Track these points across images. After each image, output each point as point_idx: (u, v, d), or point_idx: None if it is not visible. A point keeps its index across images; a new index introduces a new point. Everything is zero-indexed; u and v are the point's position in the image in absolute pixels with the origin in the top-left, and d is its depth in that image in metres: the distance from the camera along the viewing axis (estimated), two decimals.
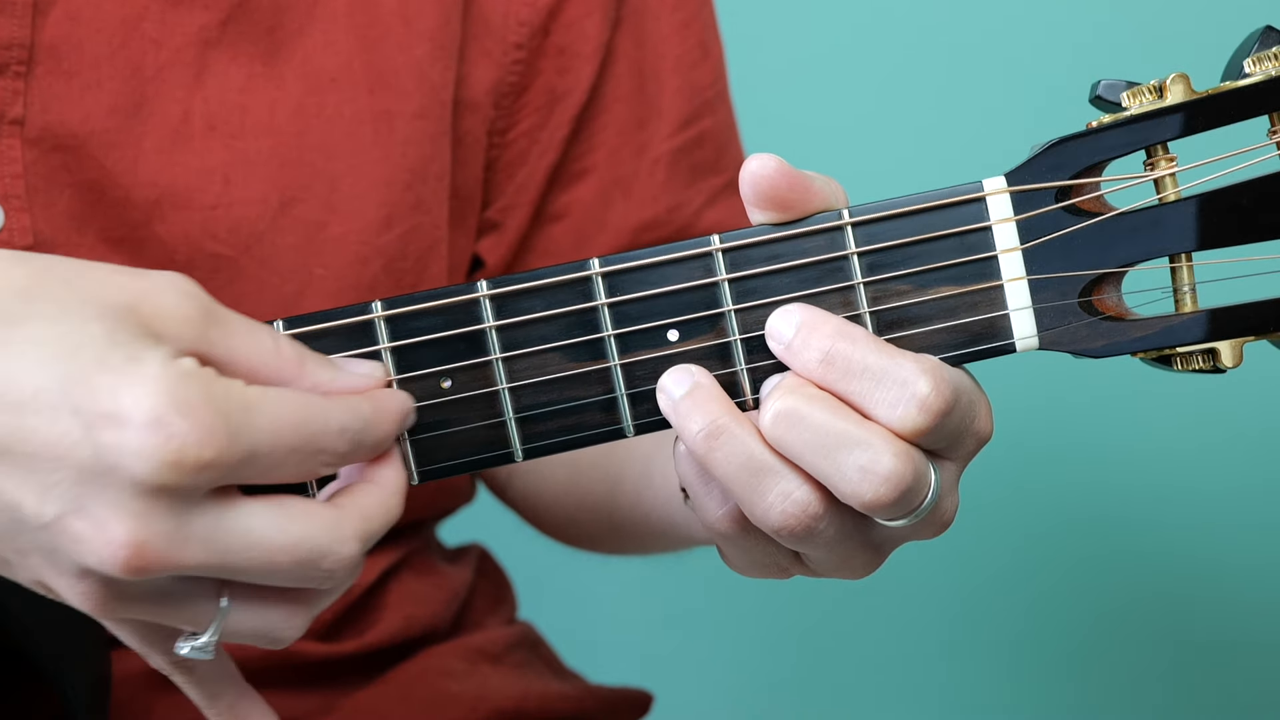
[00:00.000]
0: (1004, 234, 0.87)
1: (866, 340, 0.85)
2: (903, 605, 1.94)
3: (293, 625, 0.83)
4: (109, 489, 0.77)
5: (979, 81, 1.86)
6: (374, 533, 0.83)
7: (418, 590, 1.26)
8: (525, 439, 0.88)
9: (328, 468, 0.83)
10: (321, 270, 1.15)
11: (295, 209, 1.14)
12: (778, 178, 0.86)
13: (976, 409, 0.87)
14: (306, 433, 0.81)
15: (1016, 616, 1.95)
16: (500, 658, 1.29)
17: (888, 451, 0.83)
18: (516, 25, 1.22)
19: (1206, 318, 0.88)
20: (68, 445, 0.77)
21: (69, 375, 0.77)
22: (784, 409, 0.84)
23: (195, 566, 0.79)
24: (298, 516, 0.81)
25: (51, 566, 0.80)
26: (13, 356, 0.78)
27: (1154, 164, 0.88)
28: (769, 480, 0.85)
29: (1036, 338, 0.88)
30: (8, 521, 0.79)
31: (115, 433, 0.77)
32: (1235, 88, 0.87)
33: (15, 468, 0.78)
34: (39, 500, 0.78)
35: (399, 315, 0.87)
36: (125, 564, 0.77)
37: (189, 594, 0.82)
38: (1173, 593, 1.92)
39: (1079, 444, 1.90)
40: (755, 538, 0.89)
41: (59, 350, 0.78)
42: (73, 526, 0.78)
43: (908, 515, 0.85)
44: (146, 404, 0.77)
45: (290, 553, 0.80)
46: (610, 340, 0.88)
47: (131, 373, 0.77)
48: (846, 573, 0.90)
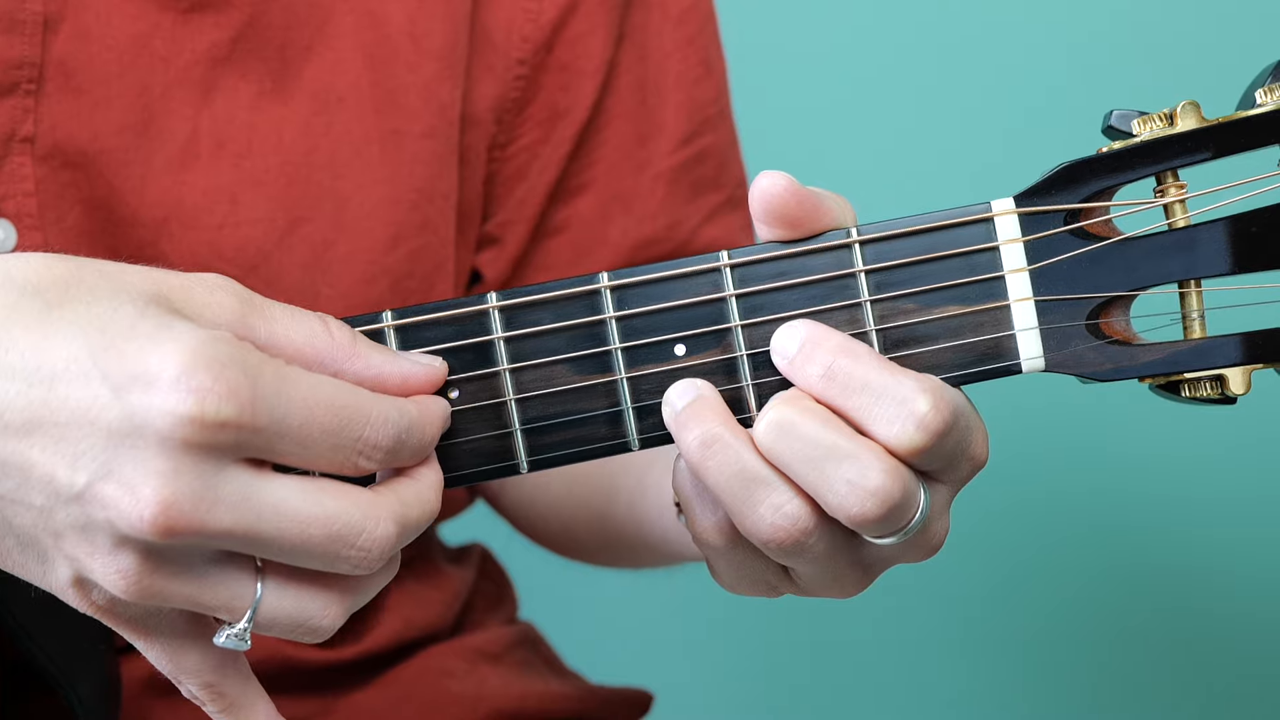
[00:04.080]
0: (1011, 255, 0.88)
1: (869, 357, 0.85)
2: (904, 606, 1.94)
3: (329, 614, 0.83)
4: (137, 449, 0.78)
5: (990, 103, 1.86)
6: (410, 521, 0.83)
7: (418, 593, 1.26)
8: (531, 451, 0.89)
9: (369, 461, 0.82)
10: (328, 290, 1.15)
11: (302, 228, 1.14)
12: (787, 196, 0.86)
13: (973, 433, 0.87)
14: (344, 416, 0.81)
15: (1016, 619, 1.95)
16: (500, 658, 1.29)
17: (877, 467, 0.83)
18: (520, 41, 1.22)
19: (1215, 344, 0.88)
20: (98, 409, 0.78)
21: (99, 345, 0.79)
22: (776, 418, 0.84)
23: (225, 532, 0.79)
24: (332, 492, 0.81)
25: (87, 543, 0.80)
26: (47, 335, 0.79)
27: (1164, 190, 0.88)
28: (760, 491, 0.85)
29: (1043, 359, 0.88)
30: (44, 498, 0.80)
31: (143, 393, 0.78)
32: (1246, 116, 0.87)
33: (48, 439, 0.79)
34: (70, 469, 0.78)
35: (408, 325, 0.88)
36: (153, 523, 0.77)
37: (225, 574, 0.81)
38: (1184, 600, 1.92)
39: (1085, 449, 1.91)
40: (744, 551, 0.89)
41: (91, 326, 0.79)
42: (104, 492, 0.78)
43: (895, 534, 0.85)
44: (173, 361, 0.78)
45: (324, 526, 0.80)
46: (617, 354, 0.88)
47: (160, 338, 0.79)
48: (835, 591, 0.90)
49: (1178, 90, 1.75)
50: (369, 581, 0.85)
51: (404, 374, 0.86)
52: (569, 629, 1.58)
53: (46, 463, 0.79)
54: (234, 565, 0.82)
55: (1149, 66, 1.85)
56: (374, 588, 0.85)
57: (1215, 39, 1.83)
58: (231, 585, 0.82)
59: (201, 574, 0.81)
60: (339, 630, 1.20)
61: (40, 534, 0.81)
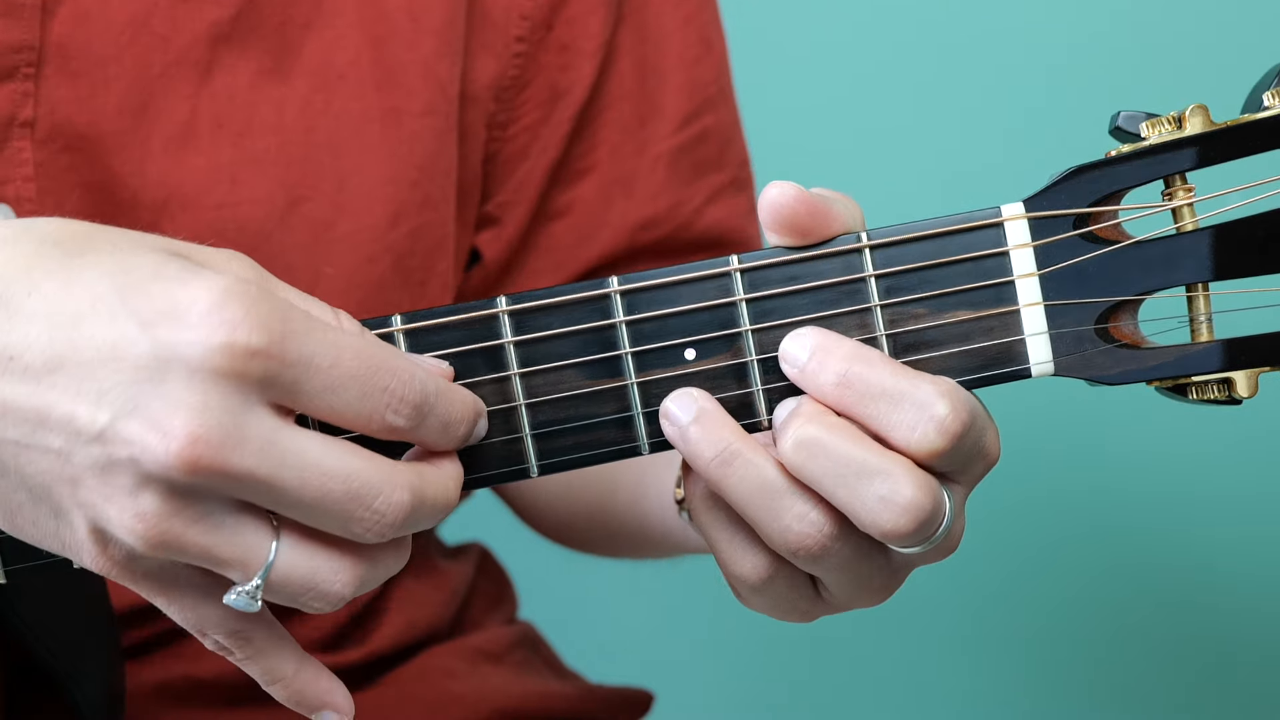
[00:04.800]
0: (1021, 259, 0.88)
1: (883, 362, 0.85)
2: (904, 605, 1.93)
3: (339, 580, 0.82)
4: (166, 383, 0.77)
5: (999, 107, 1.86)
6: (426, 498, 0.82)
7: (418, 593, 1.26)
8: (541, 455, 0.89)
9: (396, 416, 0.81)
10: (330, 269, 1.15)
11: (303, 207, 1.14)
12: (797, 205, 0.86)
13: (986, 432, 0.87)
14: (372, 363, 0.80)
15: (1017, 617, 1.95)
16: (501, 658, 1.29)
17: (908, 482, 0.83)
18: (519, 19, 1.21)
19: (1222, 348, 0.88)
20: (125, 345, 0.77)
21: (126, 285, 0.78)
22: (805, 437, 0.84)
23: (249, 475, 0.78)
24: (354, 451, 0.80)
25: (106, 485, 0.78)
26: (71, 279, 0.79)
27: (1172, 194, 0.88)
28: (784, 502, 0.85)
29: (1052, 363, 0.88)
30: (62, 440, 0.78)
31: (171, 327, 0.77)
32: (1254, 120, 0.87)
33: (71, 378, 0.78)
34: (93, 407, 0.78)
35: (418, 329, 0.88)
36: (181, 456, 0.77)
37: (242, 526, 0.80)
38: (1185, 599, 1.92)
39: (1087, 447, 1.91)
40: (781, 584, 0.89)
41: (117, 269, 0.79)
42: (128, 429, 0.77)
43: (923, 543, 0.86)
44: (204, 297, 0.77)
45: (344, 481, 0.79)
46: (627, 358, 0.88)
47: (189, 279, 0.78)
48: (865, 598, 0.90)
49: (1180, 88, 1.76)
50: (380, 556, 0.83)
51: None
52: (569, 629, 1.58)
53: (67, 403, 0.78)
54: (252, 518, 0.80)
55: (1152, 66, 1.85)
56: (384, 567, 0.84)
57: (1218, 39, 1.83)
58: (248, 538, 0.80)
59: (219, 523, 0.80)
60: (344, 634, 1.22)
61: (55, 482, 0.80)
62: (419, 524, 0.83)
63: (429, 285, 1.18)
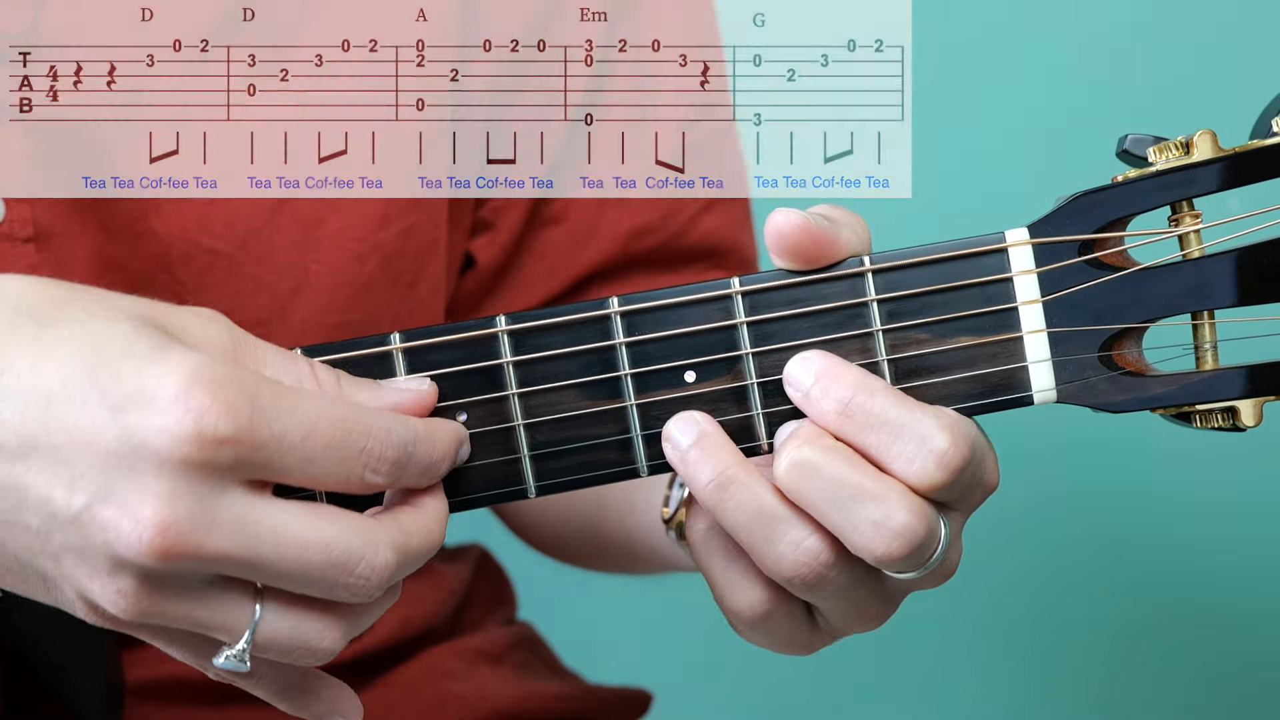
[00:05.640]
0: (1025, 286, 0.87)
1: (886, 392, 0.85)
2: (905, 607, 1.93)
3: (329, 637, 0.82)
4: (136, 471, 0.77)
5: (1004, 130, 1.86)
6: (411, 550, 0.82)
7: (414, 591, 1.26)
8: (539, 476, 0.88)
9: (376, 475, 0.81)
10: (318, 267, 1.14)
11: (291, 205, 1.13)
12: (801, 234, 0.86)
13: (986, 462, 0.87)
14: (345, 428, 0.80)
15: (1018, 616, 1.95)
16: (500, 658, 1.29)
17: (902, 507, 0.83)
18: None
19: (1227, 376, 0.87)
20: (95, 430, 0.77)
21: (96, 364, 0.78)
22: (799, 459, 0.84)
23: (223, 556, 0.78)
24: (331, 517, 0.80)
25: (85, 565, 0.79)
26: (42, 354, 0.79)
27: (1178, 220, 0.88)
28: (780, 529, 0.85)
29: (1055, 391, 0.87)
30: (40, 521, 0.79)
31: (140, 412, 0.77)
32: (1262, 146, 0.86)
33: (45, 461, 0.78)
34: (68, 491, 0.78)
35: (416, 348, 0.87)
36: (151, 545, 0.77)
37: (224, 596, 0.81)
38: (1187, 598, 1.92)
39: (1088, 445, 1.90)
40: (779, 620, 0.89)
41: (86, 345, 0.79)
42: (101, 514, 0.77)
43: (917, 569, 0.85)
44: (171, 381, 0.77)
45: (323, 552, 0.79)
46: (627, 379, 0.88)
47: (157, 358, 0.78)
48: (861, 624, 0.90)
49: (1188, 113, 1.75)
50: (369, 608, 0.84)
51: (392, 405, 0.85)
52: (569, 629, 1.58)
53: (43, 485, 0.78)
54: (233, 588, 0.81)
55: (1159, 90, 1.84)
56: (375, 614, 0.84)
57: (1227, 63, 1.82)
58: (230, 608, 0.81)
59: (200, 596, 0.80)
60: None
61: (37, 557, 0.80)
62: (407, 573, 0.83)
63: (418, 286, 1.17)
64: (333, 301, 1.15)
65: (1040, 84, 1.85)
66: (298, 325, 1.13)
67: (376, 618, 0.85)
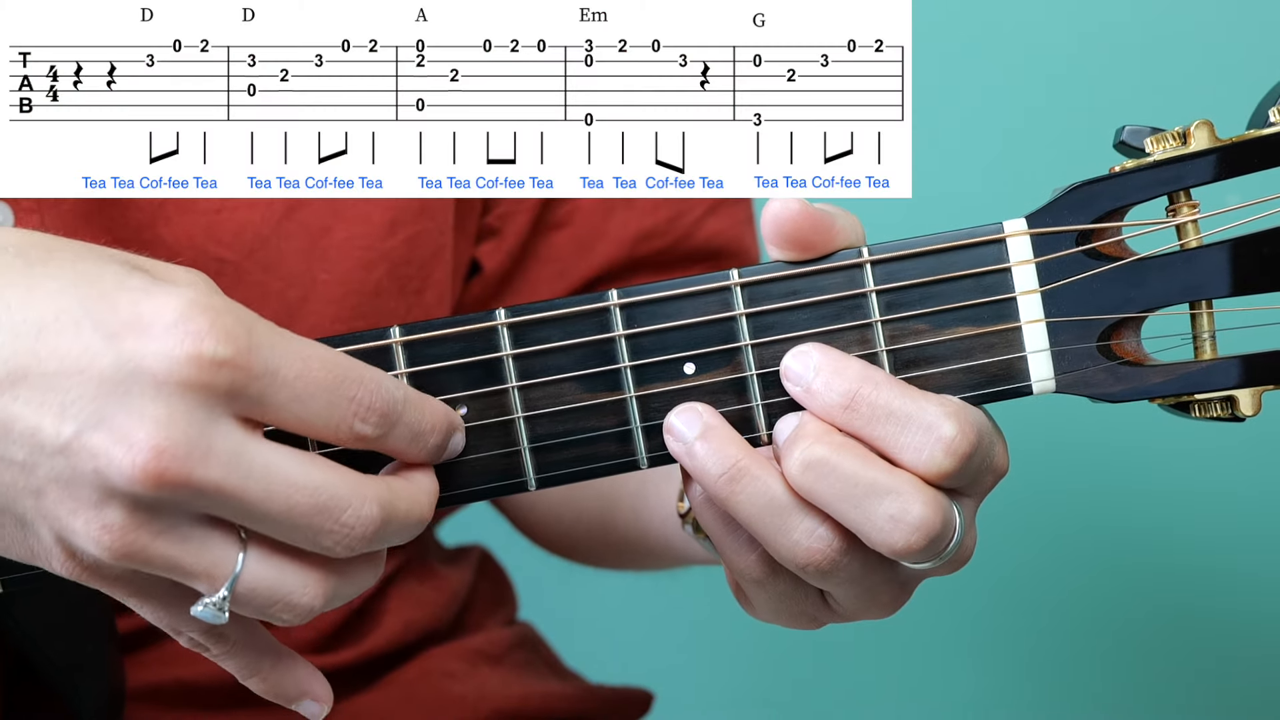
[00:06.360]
0: (1023, 276, 0.87)
1: (889, 383, 0.85)
2: (906, 606, 1.94)
3: (309, 594, 0.81)
4: (131, 395, 0.77)
5: (1001, 121, 1.86)
6: (397, 512, 0.82)
7: (417, 594, 1.26)
8: (539, 468, 0.88)
9: (364, 426, 0.81)
10: (325, 275, 1.14)
11: (299, 213, 1.14)
12: (801, 220, 0.86)
13: (995, 447, 0.87)
14: (338, 373, 0.80)
15: (1019, 616, 1.95)
16: (501, 658, 1.29)
17: (917, 500, 0.83)
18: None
19: (1226, 365, 0.87)
20: (89, 357, 0.77)
21: (89, 296, 0.78)
22: (812, 458, 0.84)
23: (214, 487, 0.77)
24: (322, 464, 0.80)
25: (70, 499, 0.78)
26: (33, 288, 0.79)
27: (1176, 210, 0.88)
28: (793, 518, 0.85)
29: (1053, 380, 0.88)
30: (25, 453, 0.78)
31: (137, 338, 0.77)
32: (1259, 136, 0.87)
33: (34, 390, 0.77)
34: (57, 419, 0.77)
35: (416, 341, 0.87)
36: (145, 469, 0.76)
37: (208, 538, 0.80)
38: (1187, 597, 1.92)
39: (1088, 444, 1.90)
40: (785, 583, 0.89)
41: (80, 279, 0.79)
42: (92, 441, 0.77)
43: (934, 558, 0.85)
44: (170, 307, 0.77)
45: (311, 495, 0.79)
46: (627, 372, 0.88)
47: (153, 290, 0.78)
48: (874, 610, 0.90)
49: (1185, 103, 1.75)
50: (351, 571, 0.83)
51: None
52: (569, 629, 1.58)
53: (31, 415, 0.77)
54: (218, 531, 0.80)
55: (1156, 80, 1.84)
56: (355, 581, 0.83)
57: (1224, 53, 1.82)
58: (214, 550, 0.80)
59: (185, 535, 0.79)
60: (340, 634, 1.22)
61: (19, 494, 0.79)
62: (390, 539, 0.82)
63: (425, 294, 1.17)
64: (340, 309, 1.15)
65: (1040, 84, 1.85)
66: (305, 333, 1.13)
67: (357, 591, 0.84)
